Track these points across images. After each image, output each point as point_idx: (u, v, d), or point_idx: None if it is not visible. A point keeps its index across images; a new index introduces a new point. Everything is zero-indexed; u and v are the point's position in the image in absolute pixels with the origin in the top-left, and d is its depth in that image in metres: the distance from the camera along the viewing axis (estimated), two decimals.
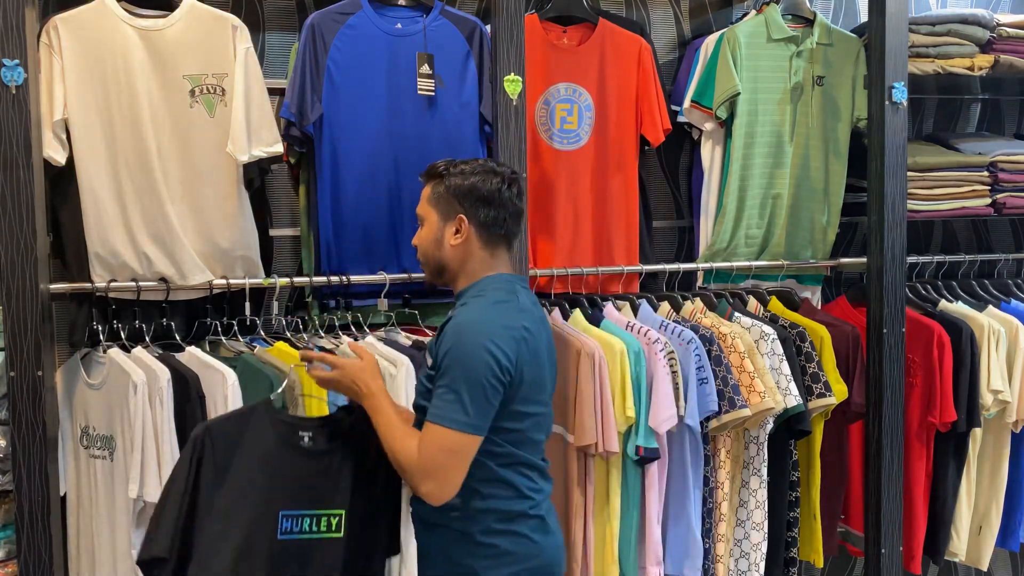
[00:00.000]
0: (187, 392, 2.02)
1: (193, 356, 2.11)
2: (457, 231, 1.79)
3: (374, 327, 2.36)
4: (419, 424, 1.73)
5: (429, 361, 1.76)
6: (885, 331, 2.51)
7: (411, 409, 1.86)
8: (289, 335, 2.27)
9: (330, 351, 2.10)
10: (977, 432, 2.69)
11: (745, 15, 2.73)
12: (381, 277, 2.29)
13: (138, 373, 2.00)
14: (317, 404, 2.05)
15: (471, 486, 1.71)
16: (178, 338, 2.18)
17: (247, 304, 2.19)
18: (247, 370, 2.06)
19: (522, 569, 1.74)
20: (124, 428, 2.02)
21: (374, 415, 1.73)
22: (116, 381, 2.04)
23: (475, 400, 1.64)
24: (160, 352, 2.14)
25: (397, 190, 2.33)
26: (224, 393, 2.00)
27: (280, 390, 1.84)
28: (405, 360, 2.14)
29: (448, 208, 1.80)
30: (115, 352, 2.08)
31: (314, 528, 1.74)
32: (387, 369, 2.10)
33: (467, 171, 1.81)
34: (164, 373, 2.01)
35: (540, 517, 1.78)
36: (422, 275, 2.30)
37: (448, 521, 1.74)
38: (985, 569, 2.84)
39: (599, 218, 2.56)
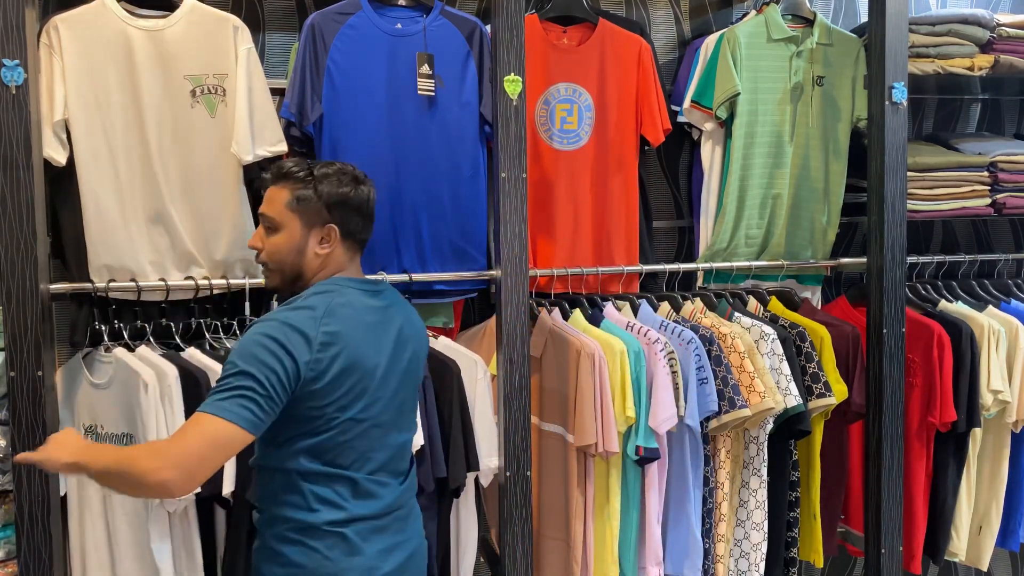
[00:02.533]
0: (197, 390, 2.02)
1: (193, 356, 2.11)
2: (323, 240, 1.74)
3: None
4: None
5: None
6: (885, 331, 2.51)
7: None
8: None
9: None
10: (977, 432, 2.69)
11: (745, 15, 2.73)
12: (381, 278, 2.29)
13: (147, 372, 2.01)
14: None
15: (272, 489, 1.68)
16: (178, 339, 2.18)
17: (247, 304, 2.19)
18: None
19: None
20: (139, 427, 2.02)
21: (97, 470, 1.49)
22: (125, 380, 2.04)
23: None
24: (164, 351, 2.14)
25: (397, 190, 2.33)
26: None
27: None
28: (172, 372, 2.02)
29: (315, 217, 1.73)
30: (120, 351, 2.09)
31: None
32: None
33: (333, 178, 1.74)
34: (172, 371, 2.02)
35: (340, 535, 1.65)
36: (422, 276, 2.31)
37: (256, 523, 1.73)
38: (985, 569, 2.84)
39: (599, 218, 2.55)
